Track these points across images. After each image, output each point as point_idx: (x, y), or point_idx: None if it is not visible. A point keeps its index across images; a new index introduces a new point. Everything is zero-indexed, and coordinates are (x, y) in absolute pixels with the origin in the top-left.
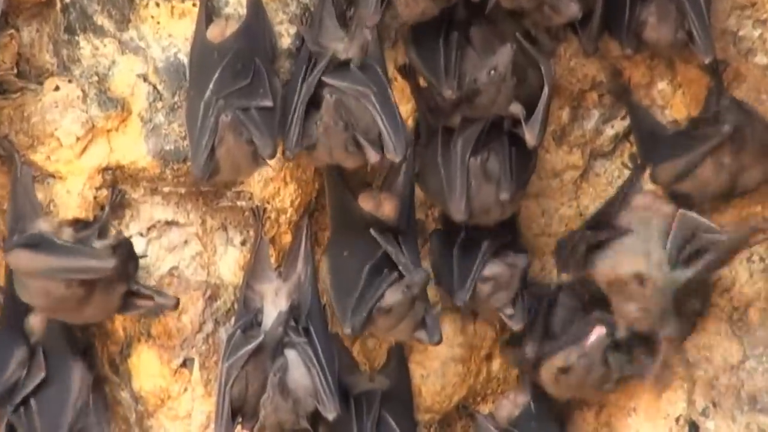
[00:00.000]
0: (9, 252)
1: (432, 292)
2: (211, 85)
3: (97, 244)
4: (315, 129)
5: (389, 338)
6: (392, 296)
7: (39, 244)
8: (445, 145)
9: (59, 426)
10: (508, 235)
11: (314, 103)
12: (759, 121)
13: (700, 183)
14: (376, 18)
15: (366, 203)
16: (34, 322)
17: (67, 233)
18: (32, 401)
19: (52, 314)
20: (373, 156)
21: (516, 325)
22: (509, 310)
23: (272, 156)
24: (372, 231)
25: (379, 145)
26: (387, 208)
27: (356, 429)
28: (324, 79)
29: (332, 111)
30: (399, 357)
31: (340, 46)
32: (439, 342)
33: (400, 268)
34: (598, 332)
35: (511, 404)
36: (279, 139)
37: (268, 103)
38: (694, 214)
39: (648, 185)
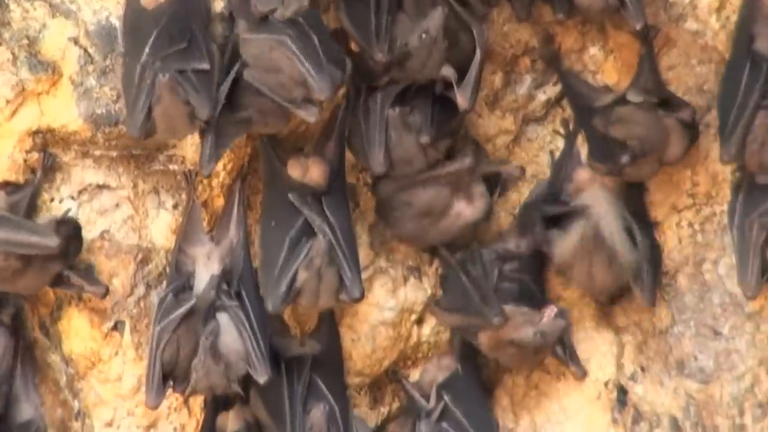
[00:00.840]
0: None
1: (363, 255)
2: (147, 49)
3: (43, 220)
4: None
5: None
6: (302, 275)
7: None
8: (366, 102)
9: None
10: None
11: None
12: (635, 113)
13: (637, 176)
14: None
15: (294, 169)
16: None
17: (1, 198)
18: None
19: None
20: (309, 117)
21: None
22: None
23: (209, 116)
24: (290, 196)
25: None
26: (315, 172)
27: (287, 393)
28: (243, 35)
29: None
30: (329, 321)
31: (277, 10)
32: (360, 298)
33: (317, 232)
34: (550, 312)
35: (436, 368)
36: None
37: (205, 65)
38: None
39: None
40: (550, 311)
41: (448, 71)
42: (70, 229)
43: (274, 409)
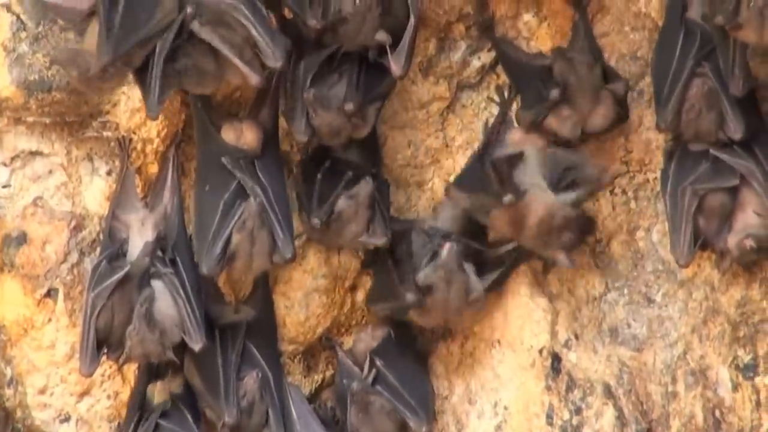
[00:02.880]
0: None
1: (297, 222)
2: None
3: None
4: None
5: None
6: (235, 237)
7: None
8: (293, 71)
9: None
10: (371, 167)
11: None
12: (582, 64)
13: (553, 131)
14: None
15: (228, 133)
16: None
17: None
18: None
19: None
20: (253, 78)
21: (379, 241)
22: (365, 237)
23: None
24: (223, 160)
25: (257, 63)
26: (249, 137)
27: (220, 360)
28: None
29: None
30: (263, 288)
31: None
32: (292, 259)
33: (250, 194)
34: (448, 247)
35: (370, 337)
36: None
37: None
38: (560, 152)
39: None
40: (449, 246)
41: (382, 36)
42: None
43: (207, 376)
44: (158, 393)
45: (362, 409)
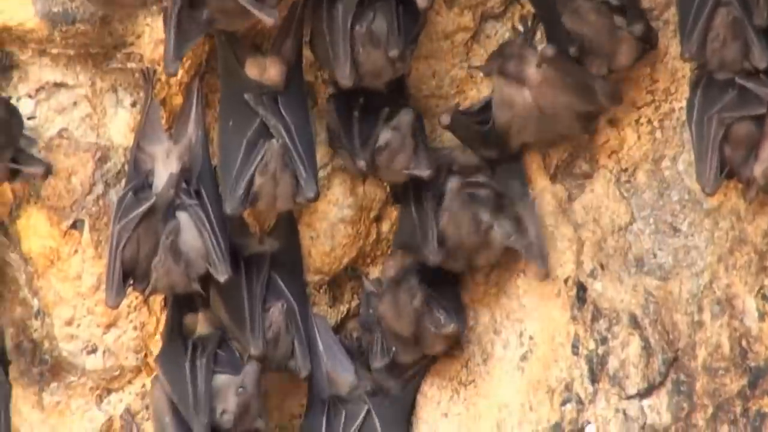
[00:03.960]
0: None
1: (321, 153)
2: None
3: None
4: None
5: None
6: (258, 179)
7: None
8: (329, 11)
9: None
10: (401, 99)
11: None
12: (590, 10)
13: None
14: None
15: (251, 68)
16: None
17: None
18: None
19: None
20: (269, 19)
21: (424, 173)
22: (413, 167)
23: None
24: (246, 96)
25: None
26: (272, 72)
27: (246, 291)
28: None
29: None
30: (288, 219)
31: None
32: (314, 199)
33: (273, 133)
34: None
35: (398, 264)
36: None
37: None
38: None
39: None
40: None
41: None
42: (2, 108)
43: (233, 308)
44: (201, 324)
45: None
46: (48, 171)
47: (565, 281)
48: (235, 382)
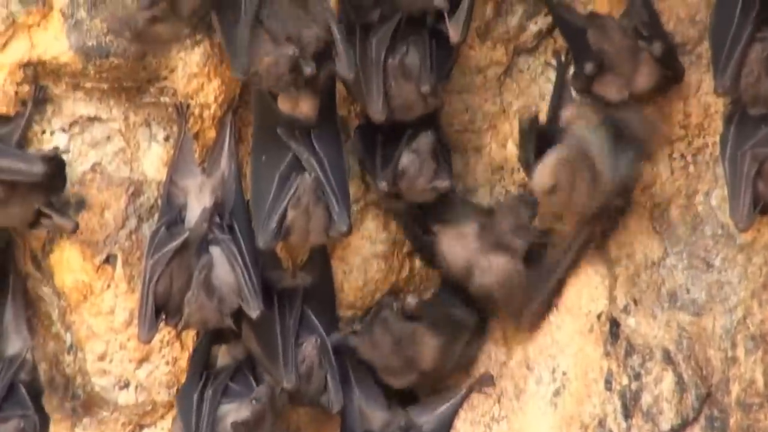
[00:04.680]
0: None
1: (355, 187)
2: None
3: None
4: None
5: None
6: (291, 213)
7: None
8: (362, 45)
9: None
10: (430, 126)
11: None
12: (615, 29)
13: (601, 97)
14: None
15: (284, 103)
16: None
17: None
18: None
19: None
20: (308, 69)
21: (443, 184)
22: (437, 183)
23: None
24: (279, 130)
25: (321, 50)
26: (305, 106)
27: (279, 325)
28: None
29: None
30: (321, 253)
31: None
32: (348, 233)
33: (305, 167)
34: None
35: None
36: None
37: None
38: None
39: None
40: None
41: (440, 2)
42: (56, 164)
43: (265, 342)
44: (222, 356)
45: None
46: (76, 228)
47: (598, 317)
48: (236, 408)
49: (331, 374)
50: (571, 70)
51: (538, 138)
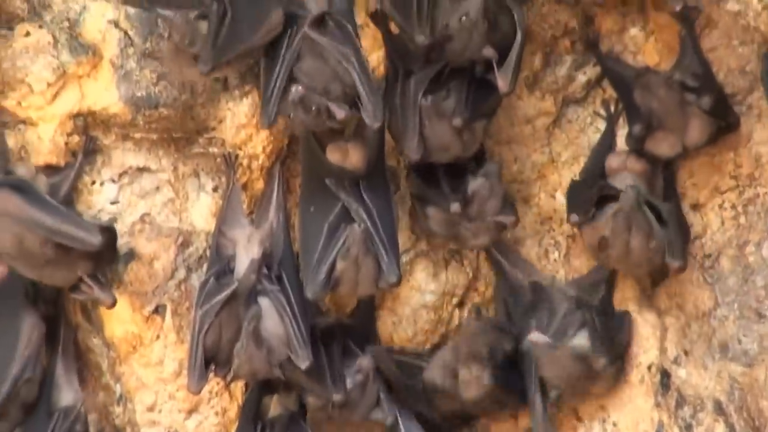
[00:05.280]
0: None
1: (404, 237)
2: None
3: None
4: (291, 105)
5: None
6: (340, 264)
7: (26, 190)
8: (402, 87)
9: (5, 378)
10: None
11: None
12: (660, 86)
13: (654, 155)
14: None
15: (333, 154)
16: None
17: (42, 180)
18: None
19: (11, 261)
20: (339, 113)
21: (509, 219)
22: (503, 217)
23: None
24: (327, 181)
25: (350, 102)
26: (354, 157)
27: (325, 356)
28: (306, 31)
29: (299, 103)
30: (368, 303)
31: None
32: (397, 284)
33: (354, 218)
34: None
35: None
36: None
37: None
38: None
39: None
40: None
41: (489, 52)
42: (111, 237)
43: (312, 371)
44: (273, 407)
45: None
46: (114, 304)
47: (649, 368)
48: None
49: (384, 392)
50: (620, 119)
51: (590, 190)
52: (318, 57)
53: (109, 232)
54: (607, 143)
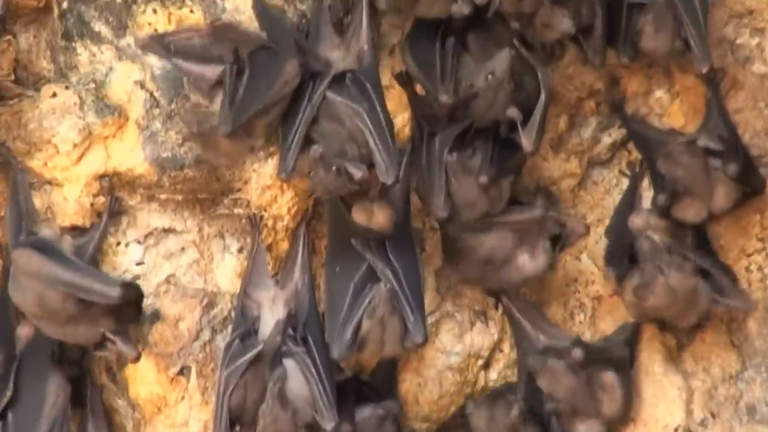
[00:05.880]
0: (17, 249)
1: (430, 299)
2: None
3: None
4: (310, 163)
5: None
6: (366, 324)
7: (48, 250)
8: (428, 146)
9: None
10: None
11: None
12: (683, 153)
13: (681, 220)
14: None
15: (358, 214)
16: (22, 332)
17: (67, 241)
18: (9, 413)
19: (34, 320)
20: (356, 173)
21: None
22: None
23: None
24: (353, 241)
25: (368, 161)
26: (380, 218)
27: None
28: (324, 91)
29: (319, 162)
30: (389, 365)
31: (337, 54)
32: (423, 343)
33: (380, 277)
34: None
35: None
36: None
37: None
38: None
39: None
40: None
41: (513, 112)
42: (133, 292)
43: None
44: None
45: None
46: (138, 358)
47: (675, 430)
48: None
49: None
50: (645, 180)
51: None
52: (334, 118)
53: (129, 287)
54: (629, 201)
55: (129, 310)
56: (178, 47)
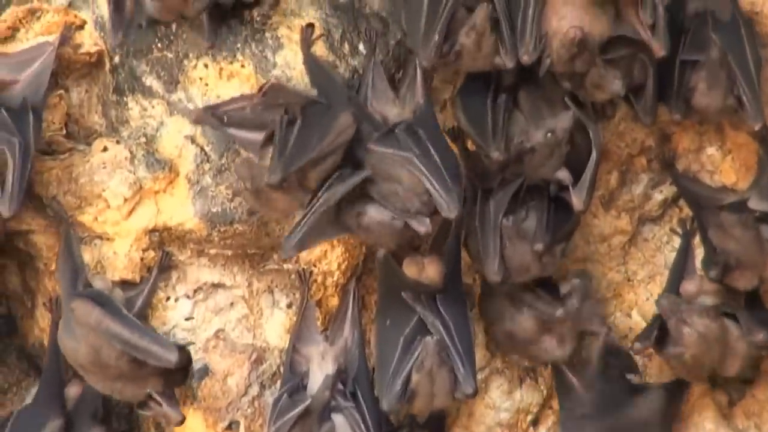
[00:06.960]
0: (77, 299)
1: (480, 355)
2: None
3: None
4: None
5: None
6: (415, 377)
7: (106, 304)
8: (482, 208)
9: None
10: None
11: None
12: (734, 225)
13: (734, 288)
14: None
15: (409, 268)
16: (71, 392)
17: (118, 294)
18: None
19: (81, 371)
20: (420, 228)
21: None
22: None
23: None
24: (404, 295)
25: (432, 208)
26: (431, 271)
27: None
28: (370, 146)
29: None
30: (438, 415)
31: (394, 110)
32: (473, 394)
33: (431, 330)
34: None
35: None
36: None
37: None
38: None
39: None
40: None
41: (563, 175)
42: (187, 357)
43: None
44: None
45: None
46: (182, 422)
47: None
48: None
49: None
50: (697, 238)
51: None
52: (389, 176)
53: (185, 352)
54: (682, 263)
55: (179, 373)
56: (231, 118)
